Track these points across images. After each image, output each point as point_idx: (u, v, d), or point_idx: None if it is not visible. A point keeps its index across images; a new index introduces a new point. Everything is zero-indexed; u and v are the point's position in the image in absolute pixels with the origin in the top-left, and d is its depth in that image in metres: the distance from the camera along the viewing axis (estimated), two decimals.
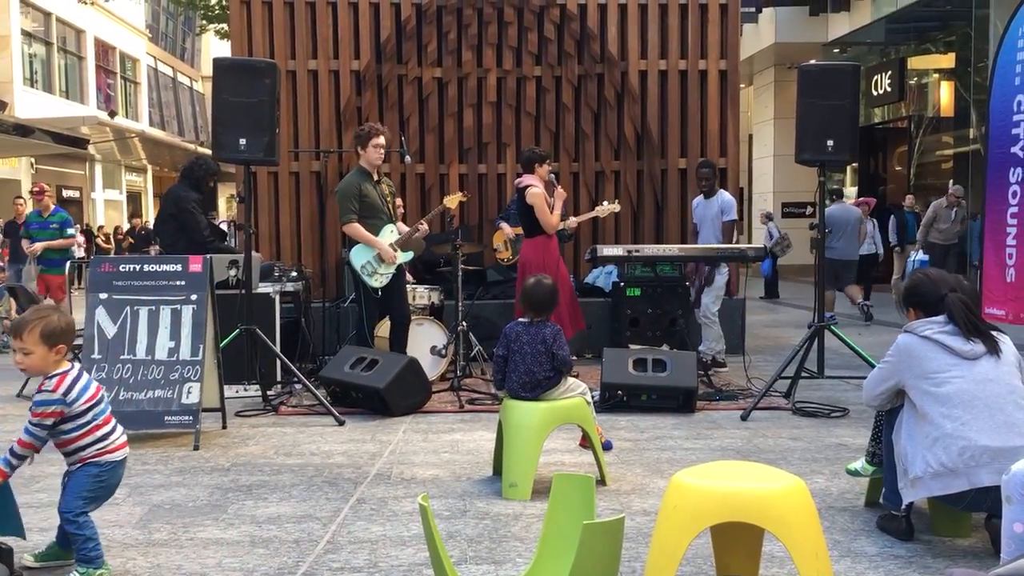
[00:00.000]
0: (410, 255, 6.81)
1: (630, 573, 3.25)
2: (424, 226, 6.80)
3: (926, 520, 3.70)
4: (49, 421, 3.20)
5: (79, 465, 3.29)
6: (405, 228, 6.82)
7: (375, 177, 6.69)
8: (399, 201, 7.51)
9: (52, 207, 9.97)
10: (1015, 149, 6.07)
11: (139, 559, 3.44)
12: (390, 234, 6.64)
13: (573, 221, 7.80)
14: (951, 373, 3.43)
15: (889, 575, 3.23)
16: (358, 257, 6.59)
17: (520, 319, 4.47)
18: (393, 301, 6.71)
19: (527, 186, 7.04)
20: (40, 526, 3.83)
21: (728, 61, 9.13)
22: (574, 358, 4.91)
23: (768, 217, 17.20)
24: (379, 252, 6.56)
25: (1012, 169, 6.09)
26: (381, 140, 6.58)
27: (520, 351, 4.35)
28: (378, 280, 6.58)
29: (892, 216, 14.49)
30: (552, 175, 7.26)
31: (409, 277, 7.44)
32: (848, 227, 11.33)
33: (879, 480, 3.90)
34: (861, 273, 12.09)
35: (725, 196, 7.99)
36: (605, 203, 7.98)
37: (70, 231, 9.94)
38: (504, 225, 8.18)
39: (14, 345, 3.24)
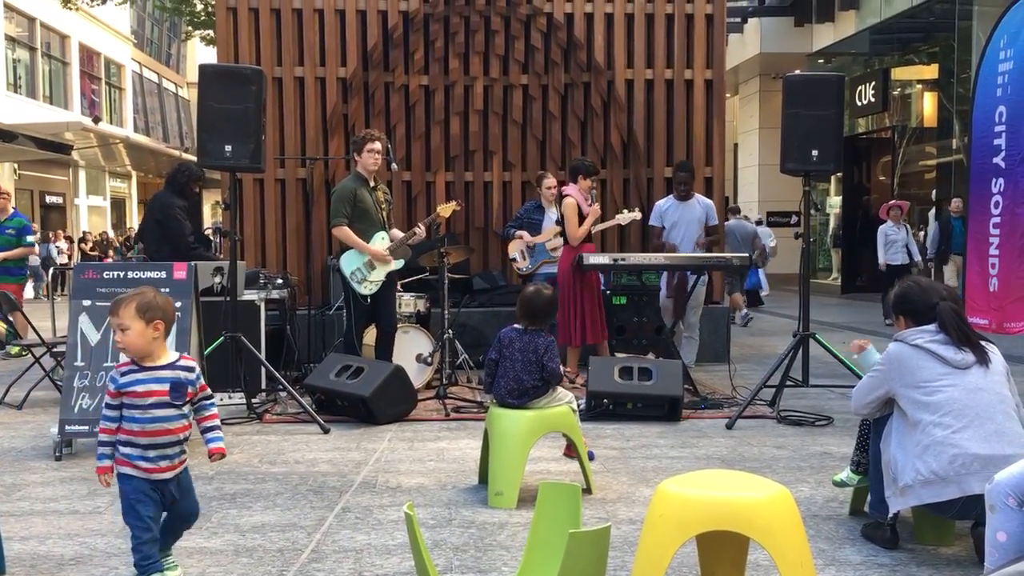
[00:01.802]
0: (402, 262, 6.80)
1: None
2: (420, 230, 6.78)
3: (910, 529, 3.71)
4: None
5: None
6: (399, 234, 6.80)
7: (371, 184, 6.69)
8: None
9: (11, 211, 9.59)
10: (997, 160, 6.11)
11: (122, 568, 3.41)
12: (380, 241, 6.63)
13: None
14: (942, 382, 3.44)
15: None
16: (348, 264, 6.57)
17: (515, 325, 4.46)
18: (381, 309, 6.70)
19: (566, 195, 7.32)
20: (21, 535, 3.79)
21: (714, 70, 9.17)
22: (568, 370, 4.91)
23: (757, 223, 17.33)
24: (370, 259, 6.55)
25: (994, 179, 6.14)
26: (377, 145, 6.60)
27: (511, 357, 4.34)
28: (367, 288, 6.57)
29: (933, 223, 13.36)
30: (593, 191, 7.38)
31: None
32: (741, 241, 12.10)
33: (864, 489, 3.91)
34: (892, 285, 11.91)
35: (704, 200, 8.03)
36: (625, 211, 7.84)
37: (29, 239, 9.46)
38: (523, 233, 8.01)
39: (112, 323, 3.19)
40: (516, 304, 4.51)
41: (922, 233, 14.35)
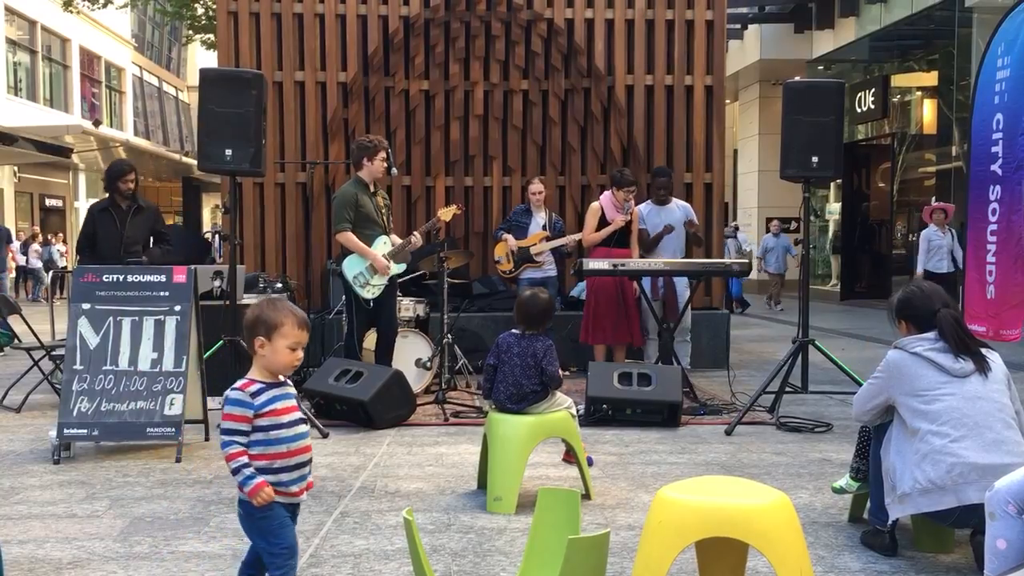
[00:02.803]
0: (403, 267, 6.81)
1: None
2: (416, 238, 6.80)
3: (909, 536, 3.71)
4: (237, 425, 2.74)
5: None
6: (398, 240, 6.81)
7: (372, 188, 6.71)
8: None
9: None
10: (994, 167, 6.12)
11: (120, 572, 3.41)
12: (383, 245, 6.63)
13: (572, 240, 7.93)
14: (941, 391, 3.43)
15: None
16: (351, 268, 6.57)
17: (513, 330, 4.46)
18: (383, 314, 6.70)
19: (594, 203, 7.72)
20: (19, 538, 3.79)
21: (714, 77, 9.19)
22: (568, 372, 4.92)
23: (735, 229, 17.47)
24: (372, 263, 6.56)
25: (992, 187, 6.15)
26: (384, 153, 6.66)
27: (510, 362, 4.34)
28: (370, 292, 6.57)
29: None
30: (628, 202, 7.51)
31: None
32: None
33: (863, 496, 3.91)
34: None
35: (683, 203, 8.10)
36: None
37: None
38: (508, 236, 8.13)
39: (300, 341, 2.82)
40: (513, 309, 4.51)
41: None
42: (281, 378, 2.84)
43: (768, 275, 17.30)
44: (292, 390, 2.86)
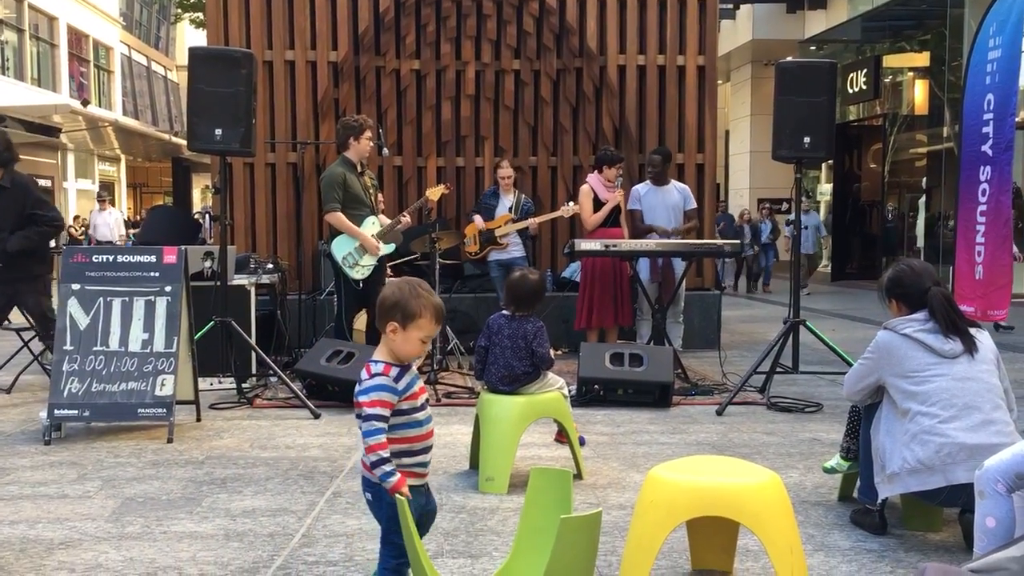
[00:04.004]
0: (392, 247, 6.80)
1: (607, 567, 3.26)
2: (406, 218, 6.81)
3: (898, 514, 3.73)
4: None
5: None
6: (387, 220, 6.81)
7: (359, 168, 6.69)
8: (380, 196, 7.52)
9: None
10: (985, 147, 6.13)
11: (111, 552, 3.41)
12: (372, 225, 6.62)
13: (534, 222, 7.94)
14: (931, 372, 3.45)
15: (862, 568, 3.26)
16: (340, 248, 6.56)
17: (503, 311, 4.46)
18: (373, 294, 6.68)
19: (583, 184, 7.73)
20: (11, 519, 3.78)
21: (706, 56, 9.16)
22: (559, 352, 4.92)
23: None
24: (361, 243, 6.54)
25: (982, 167, 6.16)
26: (370, 132, 6.66)
27: (501, 344, 4.34)
28: (359, 272, 6.56)
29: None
30: (619, 178, 7.55)
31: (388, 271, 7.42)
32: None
33: (853, 475, 3.93)
34: None
35: (681, 185, 8.07)
36: (570, 204, 7.95)
37: None
38: (477, 218, 8.15)
39: (432, 334, 2.81)
40: (503, 290, 4.51)
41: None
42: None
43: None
44: (416, 373, 2.80)
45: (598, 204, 7.61)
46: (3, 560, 3.32)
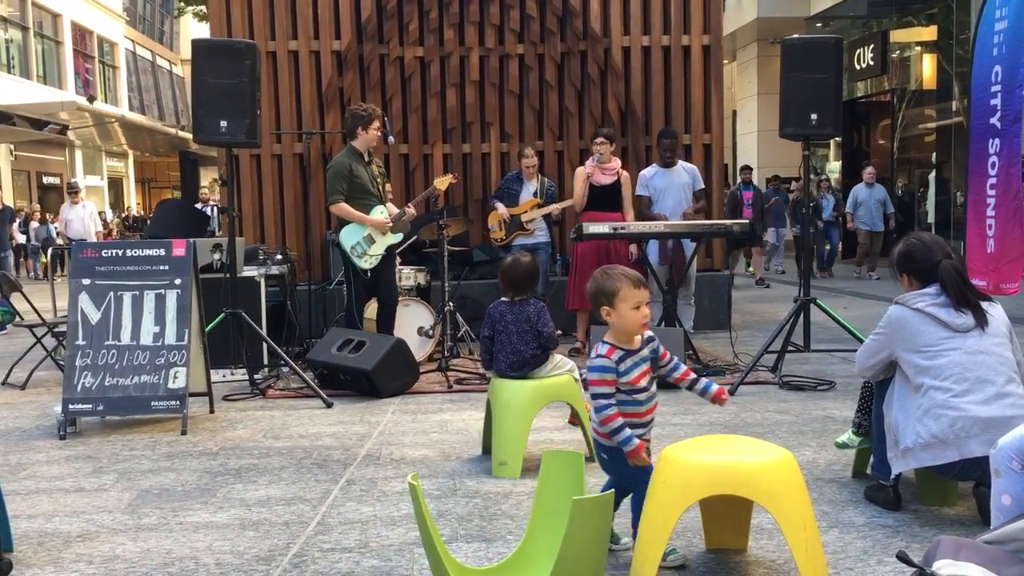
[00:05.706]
0: (399, 236, 6.79)
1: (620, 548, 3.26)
2: (411, 209, 6.80)
3: (912, 490, 3.72)
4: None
5: None
6: (395, 210, 6.80)
7: (366, 158, 6.68)
8: (388, 186, 7.51)
9: None
10: (993, 120, 6.07)
11: (128, 544, 3.43)
12: (379, 215, 6.62)
13: (558, 207, 7.91)
14: (944, 346, 3.43)
15: (877, 544, 3.25)
16: (348, 238, 6.56)
17: (502, 298, 4.46)
18: (382, 283, 6.70)
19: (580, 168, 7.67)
20: (28, 513, 3.81)
21: (711, 36, 9.10)
22: (559, 333, 4.94)
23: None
24: (369, 232, 6.54)
25: (991, 140, 6.10)
26: (379, 123, 6.62)
27: (505, 330, 4.34)
28: (368, 261, 6.56)
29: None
30: (600, 154, 7.45)
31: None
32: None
33: (866, 451, 3.92)
34: None
35: (689, 166, 8.04)
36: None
37: None
38: (499, 205, 8.09)
39: (639, 298, 3.09)
40: (498, 278, 4.49)
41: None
42: (637, 341, 3.11)
43: (859, 233, 14.35)
44: (646, 353, 3.15)
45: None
46: (22, 553, 3.35)
